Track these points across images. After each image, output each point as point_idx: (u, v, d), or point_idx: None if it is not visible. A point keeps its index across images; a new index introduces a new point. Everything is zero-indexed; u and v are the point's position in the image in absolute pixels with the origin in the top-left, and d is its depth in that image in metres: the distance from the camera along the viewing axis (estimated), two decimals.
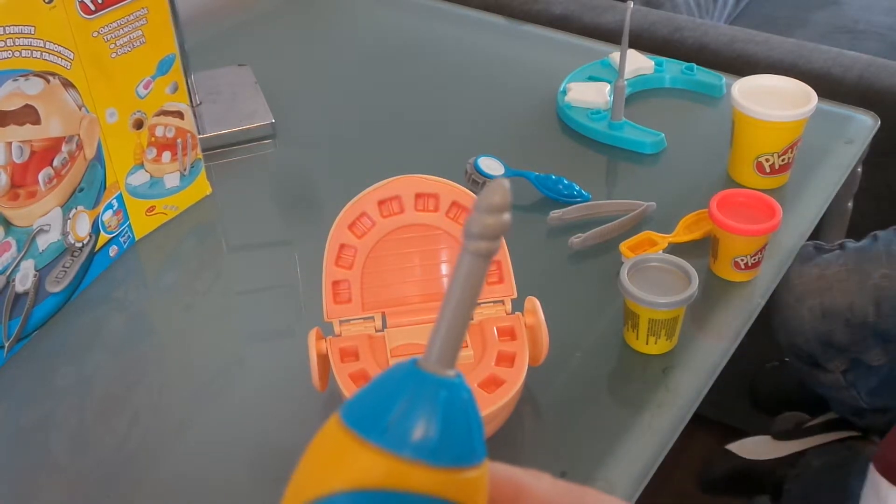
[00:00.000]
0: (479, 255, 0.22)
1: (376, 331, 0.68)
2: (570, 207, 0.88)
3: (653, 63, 1.09)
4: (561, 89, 1.06)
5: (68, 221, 0.79)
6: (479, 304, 0.68)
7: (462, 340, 0.22)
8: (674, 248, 0.83)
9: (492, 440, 0.64)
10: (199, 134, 0.91)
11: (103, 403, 0.74)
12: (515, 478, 0.25)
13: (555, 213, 0.87)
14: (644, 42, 1.27)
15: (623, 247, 0.82)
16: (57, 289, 0.79)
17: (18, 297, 0.75)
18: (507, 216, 0.22)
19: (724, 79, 1.07)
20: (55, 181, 0.76)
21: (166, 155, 0.88)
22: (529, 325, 0.68)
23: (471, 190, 0.69)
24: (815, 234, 0.98)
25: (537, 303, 0.68)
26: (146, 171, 0.87)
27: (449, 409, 0.20)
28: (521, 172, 0.92)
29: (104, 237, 0.84)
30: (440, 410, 0.20)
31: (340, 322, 0.68)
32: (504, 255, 0.69)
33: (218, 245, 0.92)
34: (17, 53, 0.69)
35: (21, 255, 0.74)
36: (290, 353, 0.73)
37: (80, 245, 0.81)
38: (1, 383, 0.75)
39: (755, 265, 0.81)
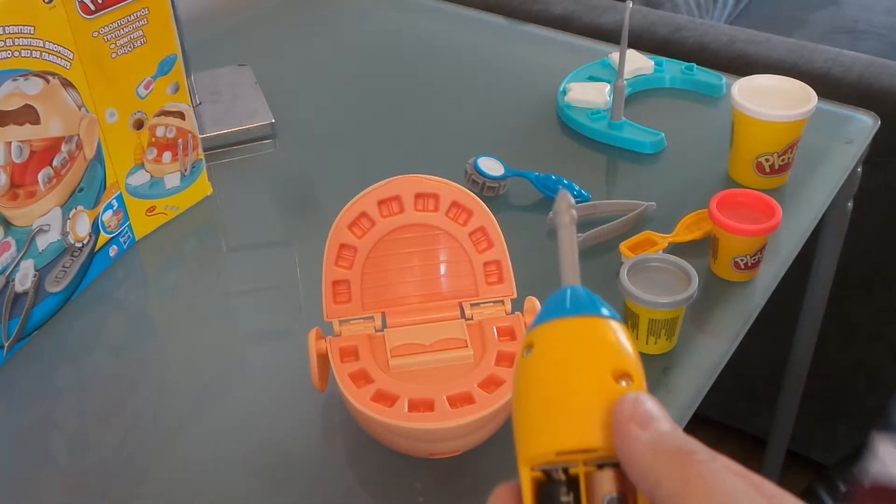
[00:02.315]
0: (572, 224, 0.36)
1: (376, 331, 0.68)
2: None
3: (653, 63, 1.09)
4: (561, 89, 1.06)
5: (68, 221, 0.79)
6: (478, 304, 0.69)
7: (577, 270, 0.37)
8: (674, 248, 0.84)
9: (491, 440, 0.64)
10: (199, 134, 0.91)
11: (103, 403, 0.74)
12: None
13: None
14: (644, 42, 1.27)
15: (623, 247, 0.82)
16: (57, 289, 0.79)
17: (18, 296, 0.75)
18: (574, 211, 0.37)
19: (724, 79, 1.07)
20: (55, 181, 0.76)
21: (167, 155, 0.88)
22: (529, 325, 0.67)
23: (471, 190, 0.69)
24: (815, 234, 0.98)
25: (537, 303, 0.68)
26: (146, 171, 0.87)
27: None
28: (521, 172, 0.92)
29: (104, 237, 0.84)
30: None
31: (340, 322, 0.68)
32: (503, 255, 0.69)
33: (218, 245, 0.92)
34: (16, 53, 0.69)
35: (20, 255, 0.74)
36: (290, 353, 0.73)
37: (79, 245, 0.81)
38: (1, 383, 0.75)
39: (755, 265, 0.81)
